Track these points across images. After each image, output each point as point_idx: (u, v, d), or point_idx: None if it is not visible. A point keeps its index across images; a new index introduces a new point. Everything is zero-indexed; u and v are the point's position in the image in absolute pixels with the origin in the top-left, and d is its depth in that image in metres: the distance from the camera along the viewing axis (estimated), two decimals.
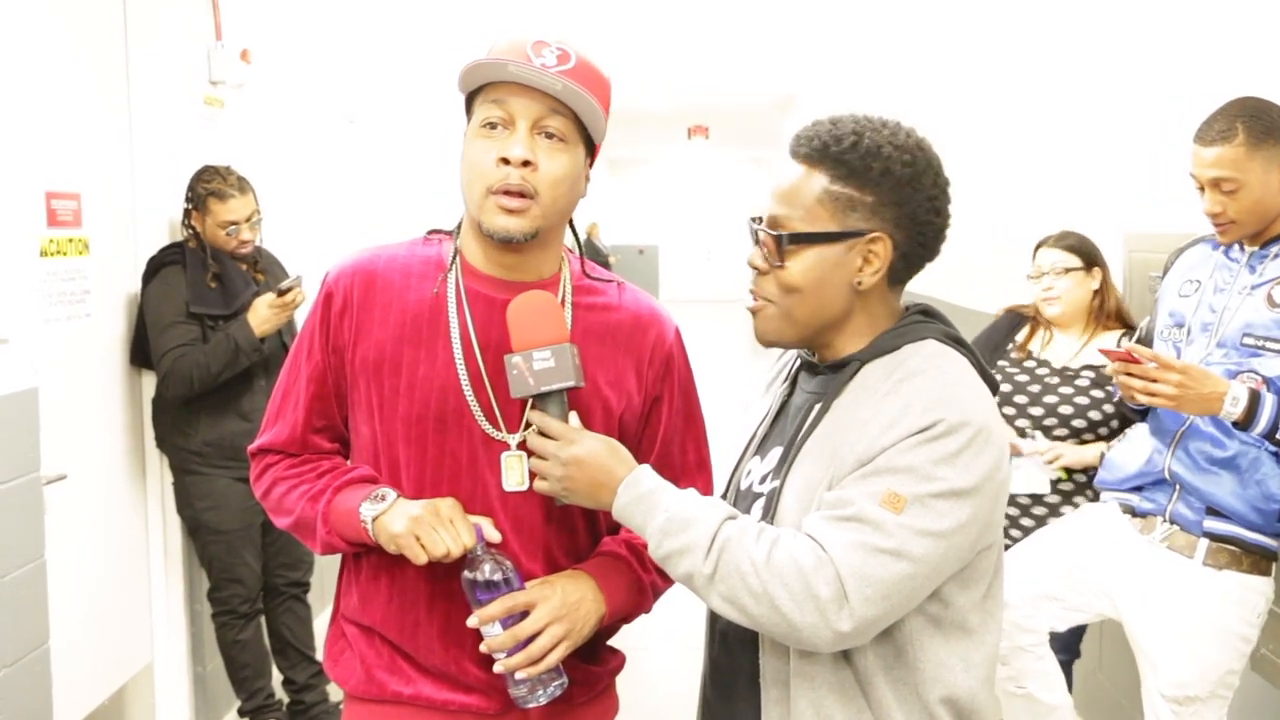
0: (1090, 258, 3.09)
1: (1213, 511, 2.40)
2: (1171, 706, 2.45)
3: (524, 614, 1.52)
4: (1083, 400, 3.01)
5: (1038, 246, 3.19)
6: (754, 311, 1.52)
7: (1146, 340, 2.69)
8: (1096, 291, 3.08)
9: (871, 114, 1.51)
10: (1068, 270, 3.07)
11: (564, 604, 1.54)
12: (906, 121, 1.52)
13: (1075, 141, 4.07)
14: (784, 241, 1.45)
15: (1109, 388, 2.95)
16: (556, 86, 1.50)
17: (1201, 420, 2.40)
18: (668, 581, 1.69)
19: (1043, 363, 3.11)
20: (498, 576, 1.52)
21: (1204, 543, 2.41)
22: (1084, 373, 3.04)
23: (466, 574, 1.53)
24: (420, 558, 1.51)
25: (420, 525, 1.51)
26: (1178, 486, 2.46)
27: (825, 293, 1.46)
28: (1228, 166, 2.32)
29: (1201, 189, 2.40)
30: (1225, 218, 2.37)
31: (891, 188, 1.44)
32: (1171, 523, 2.48)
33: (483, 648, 1.53)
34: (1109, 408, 2.98)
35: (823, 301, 1.46)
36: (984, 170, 5.25)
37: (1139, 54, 3.51)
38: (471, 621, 1.52)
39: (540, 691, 1.55)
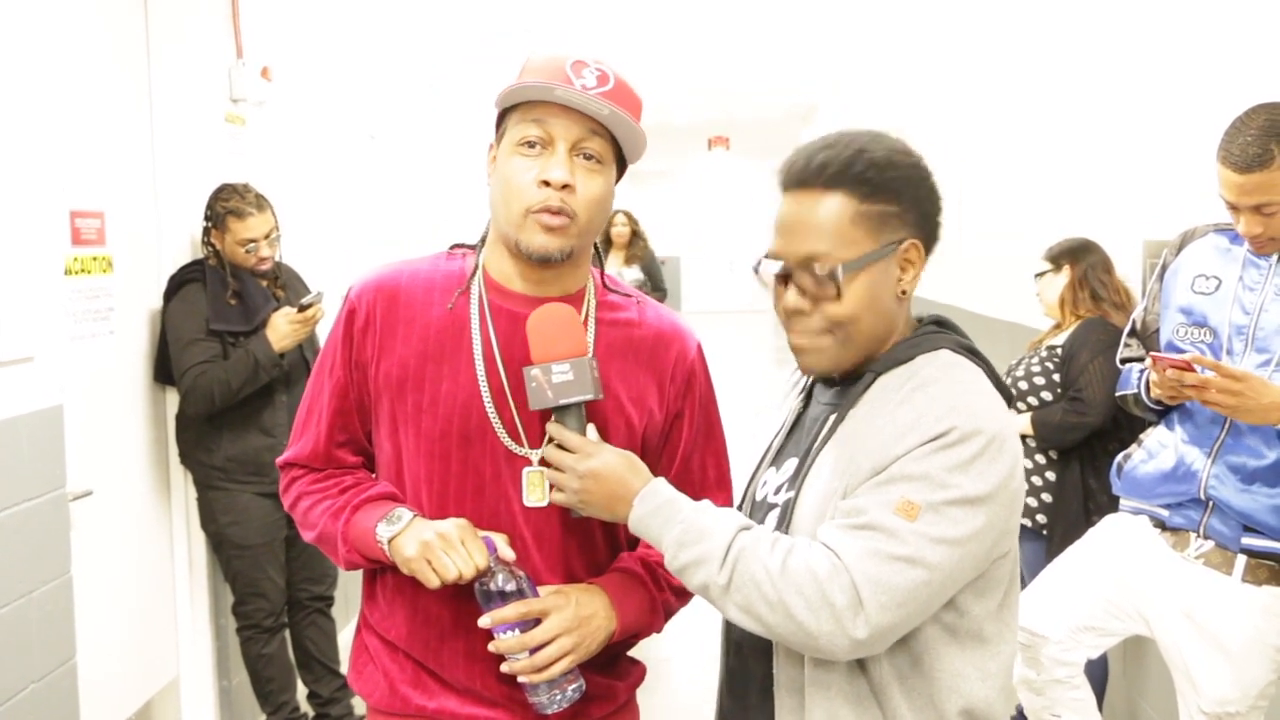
0: (1058, 259, 3.48)
1: (1250, 527, 2.33)
2: None
3: (538, 620, 1.52)
4: (1032, 370, 3.43)
5: None
6: (803, 349, 1.49)
7: (1146, 332, 2.64)
8: (1070, 285, 3.44)
9: (845, 129, 1.51)
10: (1039, 275, 3.55)
11: (576, 616, 1.54)
12: (891, 130, 1.54)
13: (1095, 149, 4.06)
14: (838, 274, 1.42)
15: (1048, 364, 3.40)
16: (604, 112, 1.51)
17: (1243, 426, 2.33)
18: (681, 601, 1.70)
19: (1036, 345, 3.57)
20: (510, 586, 1.52)
21: (1242, 559, 2.35)
22: (1043, 351, 3.46)
23: (479, 586, 1.53)
24: (432, 582, 1.51)
25: (430, 550, 1.51)
26: (1211, 503, 2.40)
27: (879, 310, 1.46)
28: (1268, 192, 2.23)
29: (1234, 209, 2.32)
30: (1265, 237, 2.31)
31: (912, 193, 1.46)
32: (1206, 538, 2.42)
33: (491, 647, 1.53)
34: (1040, 380, 3.41)
35: (878, 319, 1.46)
36: (1004, 178, 5.23)
37: (1158, 62, 3.49)
38: (483, 621, 1.51)
39: (559, 695, 1.54)
